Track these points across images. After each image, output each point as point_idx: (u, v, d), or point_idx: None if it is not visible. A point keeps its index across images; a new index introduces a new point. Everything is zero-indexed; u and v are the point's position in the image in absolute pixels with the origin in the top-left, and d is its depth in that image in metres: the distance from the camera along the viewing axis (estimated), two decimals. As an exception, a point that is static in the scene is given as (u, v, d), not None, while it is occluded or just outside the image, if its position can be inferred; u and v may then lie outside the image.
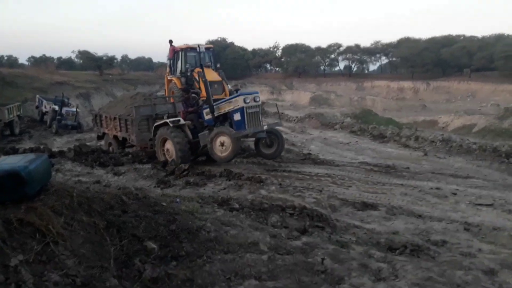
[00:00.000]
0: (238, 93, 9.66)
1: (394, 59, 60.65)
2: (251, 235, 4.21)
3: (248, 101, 8.66)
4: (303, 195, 6.55)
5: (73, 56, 59.09)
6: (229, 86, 17.45)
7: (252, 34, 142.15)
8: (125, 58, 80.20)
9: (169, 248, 3.53)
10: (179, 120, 9.36)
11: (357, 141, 14.20)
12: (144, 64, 77.38)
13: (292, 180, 7.87)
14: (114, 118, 11.92)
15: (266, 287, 3.20)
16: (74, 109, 22.33)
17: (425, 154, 11.31)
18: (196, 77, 16.78)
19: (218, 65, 18.55)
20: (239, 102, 8.66)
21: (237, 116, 8.68)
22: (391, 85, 51.03)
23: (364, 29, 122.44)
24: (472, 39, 51.08)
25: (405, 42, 56.61)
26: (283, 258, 3.70)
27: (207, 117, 9.20)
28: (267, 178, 7.87)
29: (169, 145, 9.38)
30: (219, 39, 66.78)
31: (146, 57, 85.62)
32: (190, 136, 9.29)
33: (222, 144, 8.51)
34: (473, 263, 3.80)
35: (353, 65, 65.31)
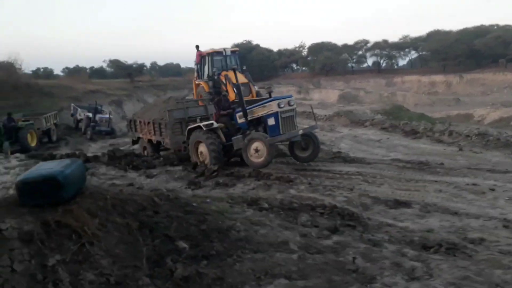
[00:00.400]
0: (272, 96, 9.35)
1: (424, 53, 58.88)
2: (281, 234, 4.21)
3: (282, 105, 8.46)
4: (333, 194, 6.48)
5: (104, 65, 60.77)
6: (256, 88, 17.57)
7: (277, 35, 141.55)
8: (154, 65, 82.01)
9: (200, 248, 3.59)
10: (212, 124, 9.24)
11: (388, 138, 13.87)
12: (172, 70, 78.79)
13: (322, 179, 7.79)
14: (148, 123, 12.06)
15: (296, 286, 3.19)
16: (107, 116, 23.03)
17: (460, 149, 10.89)
18: (223, 80, 17.07)
19: (244, 67, 18.81)
20: (273, 106, 8.47)
21: (271, 121, 8.49)
22: (422, 79, 49.53)
23: (392, 24, 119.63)
24: (507, 28, 48.77)
25: (435, 35, 54.85)
26: (313, 257, 3.68)
27: (240, 120, 9.06)
28: (296, 178, 7.84)
29: (202, 147, 9.33)
30: (244, 42, 67.12)
31: (174, 63, 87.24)
32: (224, 139, 9.18)
33: (256, 150, 8.29)
34: (514, 261, 3.64)
35: (381, 61, 63.92)
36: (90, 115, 22.50)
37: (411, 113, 23.56)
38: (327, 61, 60.02)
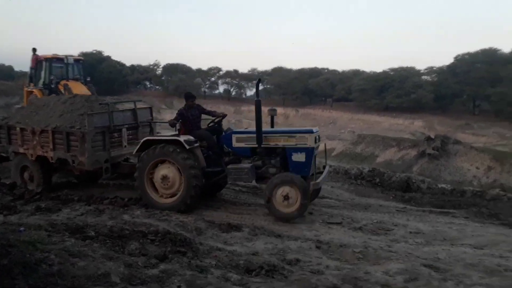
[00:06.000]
0: (301, 128, 7.40)
1: (268, 86, 64.80)
2: (102, 266, 3.88)
3: (318, 141, 6.86)
4: (169, 219, 6.35)
5: None
6: None
7: (131, 50, 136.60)
8: (-21, 65, 69.34)
9: (-5, 288, 3.03)
10: (195, 141, 7.03)
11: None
12: (3, 72, 67.83)
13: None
14: (42, 132, 8.09)
15: (110, 324, 2.95)
16: None
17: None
18: (62, 90, 15.48)
19: (88, 79, 17.55)
20: (308, 140, 6.62)
21: (299, 157, 6.65)
22: (265, 110, 54.06)
23: (242, 57, 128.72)
24: (334, 72, 57.58)
25: (278, 71, 61.17)
26: (135, 289, 3.49)
27: (238, 144, 7.09)
28: (133, 202, 7.50)
29: (168, 171, 6.96)
30: (94, 51, 62.76)
31: (6, 64, 75.28)
32: (204, 162, 7.07)
33: (286, 198, 6.45)
34: (320, 280, 4.09)
35: (232, 89, 67.74)
36: None
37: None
38: (181, 83, 60.53)
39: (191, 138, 7.02)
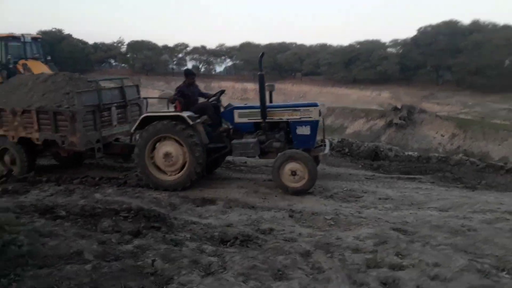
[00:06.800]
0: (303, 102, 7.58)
1: (237, 62, 64.08)
2: (75, 244, 3.84)
3: (321, 114, 6.89)
4: (142, 196, 6.30)
5: None
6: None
7: (94, 28, 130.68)
8: None
9: (-39, 272, 2.94)
10: (198, 116, 6.87)
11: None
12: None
13: (133, 180, 7.52)
14: (24, 112, 7.53)
15: (86, 299, 2.94)
16: None
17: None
18: (21, 69, 14.85)
19: (49, 58, 16.96)
20: (313, 113, 6.77)
21: (303, 130, 6.77)
22: (236, 85, 53.88)
23: (210, 32, 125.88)
24: (302, 47, 57.52)
25: (247, 47, 60.41)
26: (109, 265, 3.48)
27: (241, 120, 7.05)
28: (106, 181, 7.38)
29: (168, 147, 6.80)
30: (53, 30, 59.81)
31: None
32: (206, 139, 6.93)
33: (293, 173, 6.49)
34: (293, 247, 4.19)
35: (200, 66, 66.59)
36: None
37: (225, 116, 25.10)
38: (147, 60, 58.95)
39: (193, 114, 6.88)
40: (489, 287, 3.27)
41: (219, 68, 68.36)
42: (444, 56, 42.10)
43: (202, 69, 66.63)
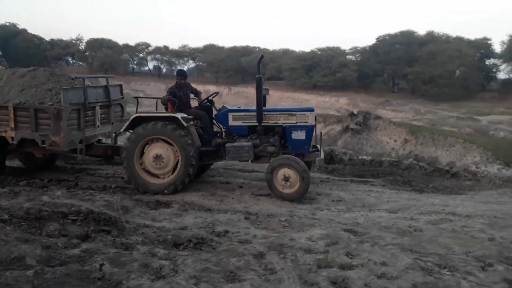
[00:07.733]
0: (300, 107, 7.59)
1: (200, 63, 63.64)
2: (16, 249, 3.63)
3: (316, 119, 6.88)
4: (93, 199, 6.08)
5: None
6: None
7: (52, 24, 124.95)
8: None
9: None
10: (191, 118, 6.79)
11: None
12: None
13: (84, 182, 7.25)
14: (0, 108, 6.90)
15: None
16: None
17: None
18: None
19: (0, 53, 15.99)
20: (309, 118, 6.73)
21: (299, 135, 6.72)
22: (198, 88, 53.30)
23: (172, 32, 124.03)
24: (265, 51, 58.10)
25: (210, 49, 60.21)
26: (54, 271, 3.32)
27: (235, 123, 6.91)
28: (55, 183, 7.07)
29: (158, 150, 6.63)
30: (7, 24, 56.74)
31: None
32: (199, 141, 6.82)
33: (286, 179, 6.39)
34: (247, 248, 4.20)
35: (162, 66, 65.49)
36: None
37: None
38: (106, 59, 57.21)
39: (186, 116, 6.74)
40: (432, 283, 3.43)
41: (181, 69, 67.69)
42: (400, 65, 44.07)
43: (164, 70, 65.58)
